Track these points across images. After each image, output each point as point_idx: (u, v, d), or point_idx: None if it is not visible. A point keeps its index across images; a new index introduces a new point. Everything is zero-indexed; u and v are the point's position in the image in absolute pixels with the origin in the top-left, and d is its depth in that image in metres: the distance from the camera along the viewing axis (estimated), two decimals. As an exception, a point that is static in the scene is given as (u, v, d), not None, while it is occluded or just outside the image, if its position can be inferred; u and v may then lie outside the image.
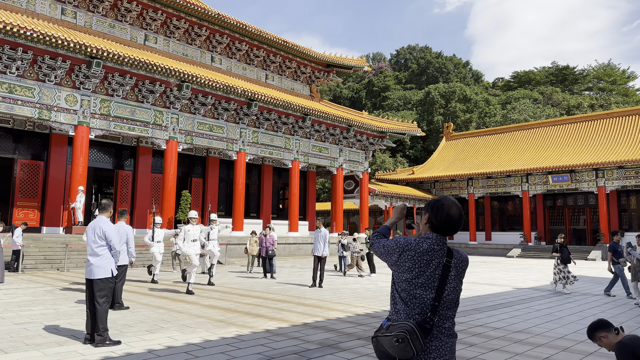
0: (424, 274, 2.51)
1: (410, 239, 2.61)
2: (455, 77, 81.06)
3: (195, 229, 11.51)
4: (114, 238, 6.06)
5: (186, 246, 11.26)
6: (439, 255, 2.54)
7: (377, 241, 2.74)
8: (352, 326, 7.27)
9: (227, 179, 32.87)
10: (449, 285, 2.53)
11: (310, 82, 37.23)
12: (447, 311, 2.54)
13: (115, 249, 6.11)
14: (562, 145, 42.62)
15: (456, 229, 2.59)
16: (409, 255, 2.53)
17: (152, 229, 13.83)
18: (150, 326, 7.08)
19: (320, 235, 12.80)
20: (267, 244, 15.67)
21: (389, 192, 41.07)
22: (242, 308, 8.96)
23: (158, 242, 13.72)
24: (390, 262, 2.62)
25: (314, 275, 12.64)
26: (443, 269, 2.53)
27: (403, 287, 2.55)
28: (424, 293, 2.50)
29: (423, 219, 2.69)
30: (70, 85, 22.81)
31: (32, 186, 24.65)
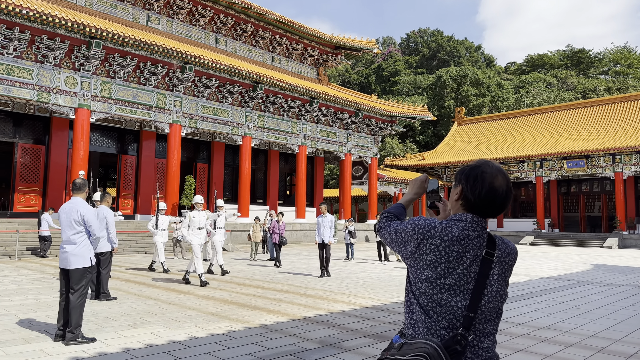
0: (454, 271, 1.74)
1: (435, 221, 1.83)
2: (467, 61, 79.33)
3: (201, 215, 10.47)
4: (94, 223, 5.35)
5: (190, 234, 10.28)
6: (475, 246, 1.76)
7: (387, 224, 1.97)
8: (358, 321, 6.54)
9: (233, 165, 32.20)
10: (490, 288, 1.76)
11: (317, 65, 36.25)
12: (486, 325, 1.77)
13: (95, 235, 5.40)
14: (578, 130, 41.36)
15: (502, 207, 1.81)
16: (433, 245, 1.76)
17: (156, 215, 12.71)
18: (135, 320, 6.41)
19: (326, 221, 12.02)
20: (281, 230, 14.72)
21: (399, 178, 40.20)
22: (239, 299, 8.27)
23: (162, 231, 12.65)
24: (405, 253, 1.85)
25: (322, 264, 11.83)
26: (482, 265, 1.75)
27: (423, 289, 1.78)
28: (453, 299, 1.74)
29: (453, 194, 1.91)
30: (69, 66, 22.13)
31: (34, 171, 24.14)
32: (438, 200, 2.12)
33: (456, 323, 1.73)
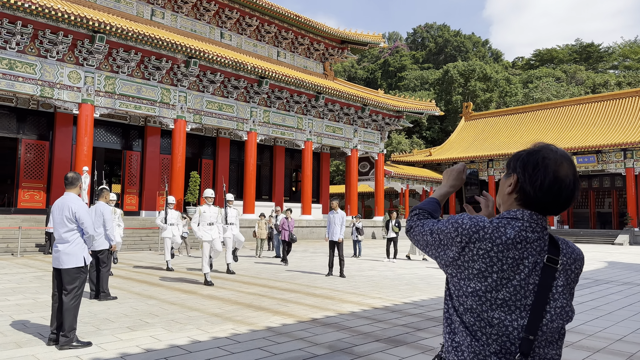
0: (509, 283, 1.38)
1: (483, 219, 1.46)
2: (474, 56, 78.54)
3: (212, 210, 9.75)
4: (86, 220, 5.02)
5: (201, 230, 9.57)
6: (535, 250, 1.40)
7: (420, 224, 1.61)
8: (369, 323, 6.19)
9: (238, 161, 31.90)
10: (554, 303, 1.40)
11: (323, 60, 35.83)
12: (548, 349, 1.41)
13: (88, 233, 5.07)
14: (588, 125, 40.72)
15: (569, 202, 1.44)
16: (482, 250, 1.40)
17: (165, 210, 12.17)
18: (134, 321, 6.09)
19: (337, 218, 11.35)
20: (290, 227, 14.23)
21: (406, 174, 39.78)
22: (243, 299, 7.95)
23: (171, 225, 12.16)
24: (444, 259, 1.50)
25: (330, 262, 11.33)
26: (543, 275, 1.39)
27: (469, 305, 1.43)
28: (507, 317, 1.38)
29: (505, 186, 1.54)
30: (73, 61, 21.87)
31: (38, 167, 23.94)
32: (478, 193, 1.77)
33: (511, 347, 1.38)
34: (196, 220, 9.67)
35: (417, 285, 9.91)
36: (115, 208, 10.60)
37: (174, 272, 11.46)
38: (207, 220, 9.66)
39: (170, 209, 12.35)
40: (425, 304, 7.72)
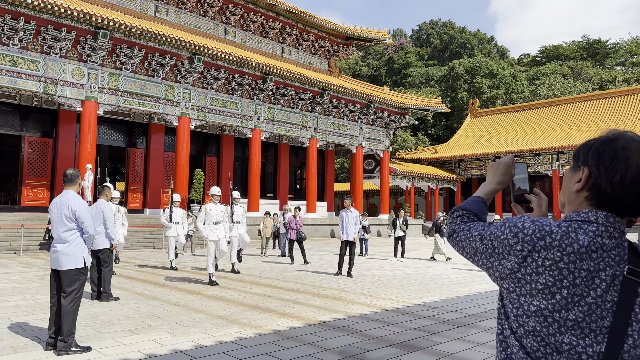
0: (582, 300, 1.13)
1: (550, 223, 1.20)
2: (480, 53, 77.97)
3: (218, 208, 9.44)
4: (86, 219, 4.79)
5: (207, 229, 9.28)
6: (613, 260, 1.14)
7: (465, 227, 1.35)
8: (380, 326, 5.94)
9: (243, 158, 31.70)
10: (638, 325, 1.14)
11: (328, 57, 35.53)
12: None
13: (88, 233, 4.84)
14: (597, 122, 40.25)
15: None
16: (549, 260, 1.14)
17: (170, 207, 11.81)
18: (137, 324, 5.87)
19: (351, 216, 10.93)
20: (298, 225, 13.85)
21: (411, 172, 39.46)
22: (249, 300, 7.72)
23: (176, 224, 11.79)
24: (498, 270, 1.24)
25: (340, 262, 10.89)
26: (623, 290, 1.13)
27: (531, 326, 1.17)
28: (580, 342, 1.12)
29: (572, 181, 1.28)
30: (76, 58, 21.69)
31: (41, 164, 23.81)
32: (529, 191, 1.52)
33: (585, 380, 1.12)
34: (202, 219, 9.38)
35: (427, 285, 9.66)
36: (119, 206, 10.26)
37: (178, 272, 11.26)
38: (213, 219, 9.34)
39: (176, 207, 11.99)
40: (437, 305, 7.46)
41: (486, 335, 5.64)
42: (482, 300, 8.04)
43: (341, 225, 10.98)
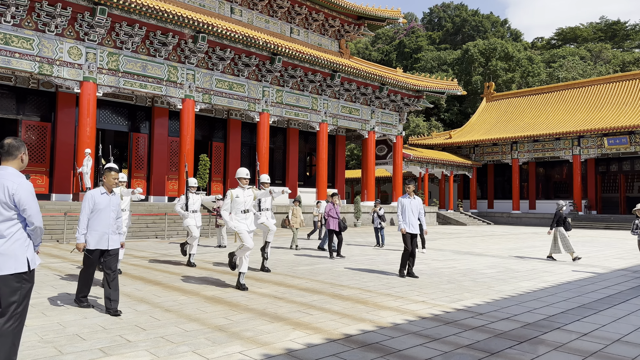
0: None
1: None
2: (493, 36, 75.68)
3: (246, 194, 7.77)
4: (30, 206, 3.50)
5: (234, 220, 7.63)
6: None
7: None
8: (421, 343, 4.66)
9: (250, 144, 30.44)
10: None
11: (339, 37, 33.96)
12: None
13: (33, 225, 3.58)
14: (620, 105, 38.42)
15: None
16: None
17: (186, 194, 10.22)
18: (112, 339, 4.64)
19: (415, 205, 9.07)
20: (337, 214, 12.13)
21: (425, 158, 38.00)
22: (255, 302, 6.48)
23: (194, 212, 10.22)
24: None
25: (405, 261, 8.95)
26: None
27: None
28: None
29: None
30: (73, 36, 20.43)
31: (39, 150, 22.72)
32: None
33: None
34: (227, 208, 7.64)
35: (461, 283, 8.37)
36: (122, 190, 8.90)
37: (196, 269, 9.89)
38: (241, 206, 7.69)
39: (193, 193, 10.30)
40: (482, 310, 6.17)
41: (561, 356, 4.34)
42: (533, 303, 6.73)
43: (402, 215, 9.00)
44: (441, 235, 22.89)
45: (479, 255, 13.36)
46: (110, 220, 5.91)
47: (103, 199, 5.92)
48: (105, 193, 5.97)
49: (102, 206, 5.87)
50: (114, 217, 5.95)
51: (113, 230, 5.96)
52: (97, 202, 5.89)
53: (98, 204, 5.88)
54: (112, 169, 6.01)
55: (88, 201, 5.88)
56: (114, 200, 5.99)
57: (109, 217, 5.88)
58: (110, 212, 5.90)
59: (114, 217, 5.96)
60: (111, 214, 5.91)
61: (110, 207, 5.91)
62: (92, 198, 5.90)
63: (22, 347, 4.31)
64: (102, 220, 5.85)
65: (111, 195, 5.99)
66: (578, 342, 4.80)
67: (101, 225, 5.84)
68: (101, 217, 5.85)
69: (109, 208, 5.90)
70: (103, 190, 5.99)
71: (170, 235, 18.99)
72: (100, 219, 5.84)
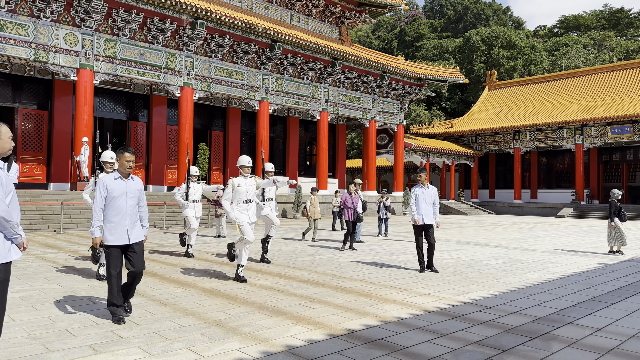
0: None
1: None
2: (495, 24, 74.89)
3: (248, 183, 7.38)
4: None
5: (236, 210, 7.24)
6: None
7: None
8: (428, 339, 4.43)
9: (250, 132, 30.12)
10: None
11: (340, 24, 33.47)
12: None
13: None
14: (623, 93, 38.01)
15: None
16: None
17: (187, 183, 9.80)
18: (104, 335, 4.42)
19: (429, 194, 8.50)
20: (355, 204, 11.67)
21: (427, 147, 37.68)
22: (254, 295, 6.26)
23: (194, 202, 9.85)
24: None
25: (420, 253, 8.40)
26: None
27: None
28: None
29: None
30: (69, 22, 20.04)
31: (36, 138, 22.43)
32: None
33: None
34: (228, 197, 7.25)
35: (466, 274, 8.14)
36: None
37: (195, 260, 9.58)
38: (243, 196, 7.30)
39: (193, 182, 9.90)
40: (490, 303, 5.95)
41: (577, 353, 4.11)
42: (542, 295, 6.51)
43: (415, 206, 8.44)
44: (443, 225, 22.68)
45: (483, 245, 13.15)
46: (129, 209, 5.05)
47: (118, 185, 5.05)
48: (120, 178, 5.09)
49: (117, 193, 5.03)
50: (132, 205, 5.09)
51: (133, 220, 5.08)
52: (110, 189, 5.04)
53: (112, 190, 5.03)
54: (126, 149, 5.10)
55: (100, 189, 5.06)
56: (131, 185, 5.13)
57: (126, 206, 5.04)
58: (128, 199, 5.06)
59: (133, 205, 5.10)
60: (129, 202, 5.06)
61: (127, 194, 5.07)
62: (103, 185, 5.06)
63: (8, 344, 4.08)
64: (119, 210, 5.01)
65: (128, 180, 5.11)
66: (593, 338, 4.57)
67: (118, 215, 5.01)
68: (117, 206, 5.01)
69: (126, 195, 5.07)
70: (117, 175, 5.10)
71: (169, 225, 18.78)
72: (116, 208, 5.01)
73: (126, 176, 5.12)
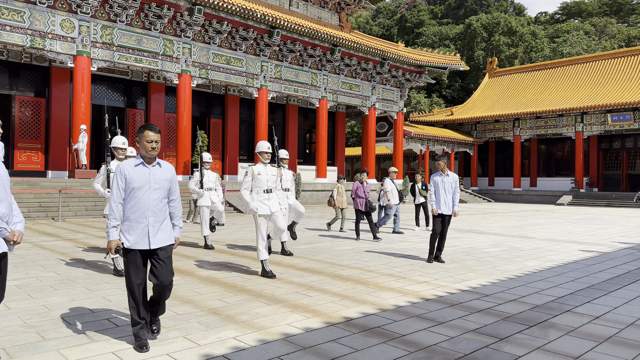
0: None
1: None
2: (496, 11, 74.23)
3: (269, 172, 6.83)
4: None
5: (256, 200, 6.69)
6: None
7: None
8: (426, 327, 4.42)
9: (249, 120, 29.99)
10: None
11: (339, 10, 33.13)
12: None
13: None
14: (624, 80, 37.81)
15: None
16: None
17: (200, 171, 9.37)
18: (99, 324, 4.40)
19: (449, 182, 8.02)
20: (367, 193, 11.46)
21: (427, 135, 37.57)
22: (252, 283, 6.24)
23: (209, 190, 9.42)
24: None
25: (433, 245, 8.02)
26: None
27: None
28: None
29: None
30: (65, 8, 19.83)
31: (34, 126, 22.32)
32: None
33: None
34: (247, 186, 6.71)
35: (465, 262, 8.13)
36: None
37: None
38: (264, 185, 6.72)
39: (207, 170, 9.51)
40: (488, 291, 5.93)
41: (575, 341, 4.10)
42: (540, 283, 6.50)
43: (435, 194, 8.05)
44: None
45: (482, 233, 13.14)
46: (151, 204, 3.85)
47: (139, 174, 3.84)
48: (142, 164, 3.88)
49: (138, 184, 3.83)
50: (156, 199, 3.88)
51: (158, 219, 3.88)
52: (130, 179, 3.84)
53: (132, 180, 3.83)
54: (147, 127, 3.90)
55: (117, 178, 3.85)
56: (157, 174, 3.90)
57: (148, 199, 3.85)
58: (151, 191, 3.86)
59: (158, 199, 3.89)
60: (152, 195, 3.86)
61: (150, 185, 3.86)
62: (121, 173, 3.85)
63: (3, 333, 4.07)
64: (139, 205, 3.84)
65: (152, 167, 3.90)
66: (591, 326, 4.56)
67: (138, 211, 3.84)
68: (138, 199, 3.84)
69: (149, 186, 3.86)
70: (138, 160, 3.89)
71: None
72: (136, 202, 3.84)
73: (150, 161, 3.91)
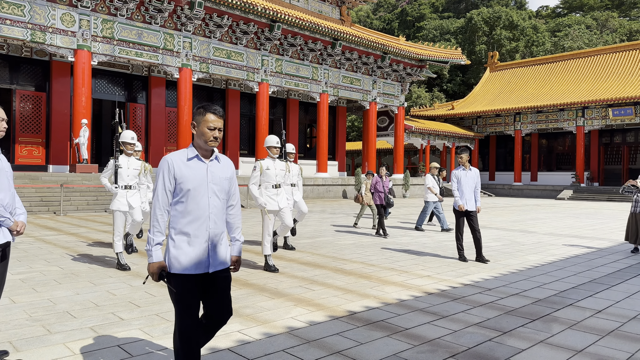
0: None
1: None
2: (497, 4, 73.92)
3: (278, 166, 6.67)
4: None
5: (265, 195, 6.58)
6: None
7: None
8: (429, 321, 4.44)
9: (249, 115, 29.95)
10: None
11: (340, 4, 33.00)
12: None
13: None
14: (626, 75, 37.70)
15: None
16: None
17: None
18: (105, 317, 4.42)
19: (471, 177, 7.73)
20: (385, 188, 11.29)
21: (427, 129, 37.53)
22: (255, 277, 6.26)
23: None
24: None
25: (460, 242, 7.71)
26: None
27: None
28: None
29: None
30: (65, 2, 19.76)
31: (35, 120, 22.30)
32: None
33: None
34: (256, 181, 6.58)
35: (467, 256, 8.14)
36: (144, 163, 7.44)
37: None
38: (272, 180, 6.58)
39: None
40: (490, 285, 5.96)
41: (577, 335, 4.12)
42: (542, 277, 6.52)
43: (458, 190, 7.73)
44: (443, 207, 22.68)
45: (483, 227, 13.16)
46: (213, 211, 2.80)
47: (194, 171, 2.76)
48: (197, 158, 2.79)
49: (194, 184, 2.75)
50: (218, 205, 2.83)
51: (217, 231, 2.82)
52: (180, 178, 2.75)
53: (185, 180, 2.74)
54: (209, 108, 2.80)
55: (164, 177, 2.75)
56: (216, 171, 2.84)
57: (208, 205, 2.78)
58: (210, 194, 2.79)
59: (220, 205, 2.84)
60: (213, 199, 2.80)
61: (209, 185, 2.79)
62: (169, 170, 2.74)
63: (9, 326, 4.09)
64: (196, 213, 2.76)
65: (210, 161, 2.82)
66: (593, 320, 4.58)
67: (196, 222, 2.76)
68: (195, 204, 2.75)
69: (208, 187, 2.79)
70: (192, 152, 2.80)
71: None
72: (192, 209, 2.75)
73: (208, 155, 2.84)
